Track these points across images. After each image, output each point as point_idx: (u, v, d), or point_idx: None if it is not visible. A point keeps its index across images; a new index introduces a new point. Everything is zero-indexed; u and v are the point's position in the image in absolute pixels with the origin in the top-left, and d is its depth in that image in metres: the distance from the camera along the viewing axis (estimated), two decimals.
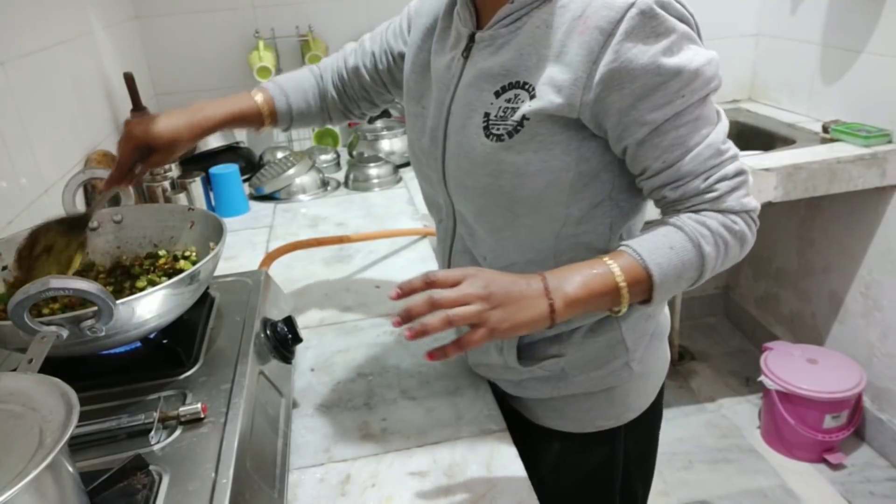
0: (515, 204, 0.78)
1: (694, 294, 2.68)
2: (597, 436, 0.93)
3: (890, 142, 1.83)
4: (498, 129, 0.76)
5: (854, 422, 1.98)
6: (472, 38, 0.79)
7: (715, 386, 2.39)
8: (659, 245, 0.72)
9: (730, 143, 0.74)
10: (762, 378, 2.02)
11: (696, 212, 0.74)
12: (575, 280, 0.71)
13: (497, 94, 0.76)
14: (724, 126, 0.74)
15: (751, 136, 2.19)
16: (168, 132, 0.90)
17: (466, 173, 0.80)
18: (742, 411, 2.26)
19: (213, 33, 2.01)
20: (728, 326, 2.73)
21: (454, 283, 0.69)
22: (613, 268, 0.71)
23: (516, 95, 0.74)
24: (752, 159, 1.82)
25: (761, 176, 1.74)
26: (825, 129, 1.94)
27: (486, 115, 0.76)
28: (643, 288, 0.72)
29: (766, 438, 2.11)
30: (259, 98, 0.99)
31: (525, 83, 0.74)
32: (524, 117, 0.74)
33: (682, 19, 0.72)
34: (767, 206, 1.81)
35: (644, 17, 0.68)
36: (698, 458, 2.07)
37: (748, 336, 2.63)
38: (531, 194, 0.77)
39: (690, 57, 0.70)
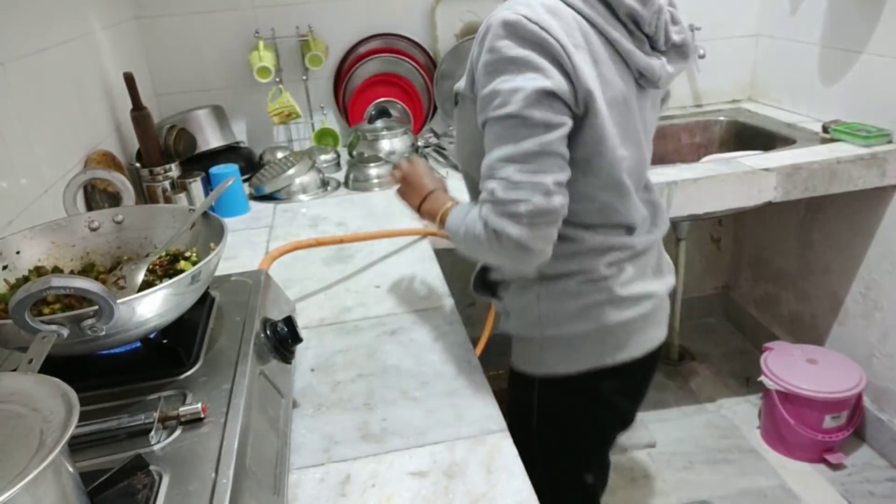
0: (460, 164, 1.09)
1: (693, 295, 2.68)
2: (521, 376, 1.10)
3: (890, 142, 1.83)
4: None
5: (854, 422, 1.98)
6: None
7: (715, 386, 2.39)
8: (461, 210, 0.97)
9: (509, 169, 0.83)
10: (762, 378, 2.02)
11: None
12: (430, 204, 1.08)
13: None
14: (508, 151, 0.84)
15: (751, 136, 2.19)
16: None
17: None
18: (742, 411, 2.25)
19: (213, 33, 2.01)
20: (728, 327, 2.73)
21: (407, 161, 1.17)
22: (444, 207, 1.03)
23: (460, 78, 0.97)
24: (752, 159, 1.82)
25: (761, 176, 1.74)
26: (825, 129, 1.94)
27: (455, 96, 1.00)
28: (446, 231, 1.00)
29: (765, 439, 2.11)
30: None
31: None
32: (456, 94, 0.98)
33: (528, 43, 0.83)
34: (767, 206, 1.82)
35: (486, 31, 0.85)
36: (698, 459, 2.07)
37: (748, 336, 2.63)
38: (464, 159, 1.05)
39: (500, 81, 0.84)
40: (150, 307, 0.74)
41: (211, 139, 1.88)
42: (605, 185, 0.94)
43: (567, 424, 1.11)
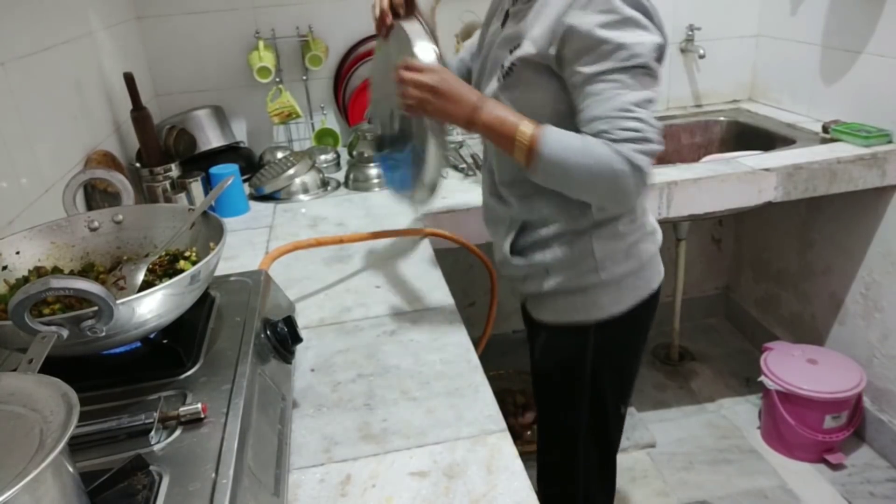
0: None
1: (694, 295, 2.68)
2: (571, 327, 1.16)
3: (890, 142, 1.83)
4: (503, 76, 1.03)
5: (854, 422, 1.98)
6: (507, 13, 1.07)
7: (715, 386, 2.39)
8: (563, 133, 0.95)
9: (646, 112, 0.91)
10: (762, 378, 2.02)
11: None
12: (496, 112, 0.97)
13: (510, 52, 1.02)
14: (644, 95, 0.92)
15: (751, 136, 2.19)
16: None
17: None
18: (742, 412, 2.26)
19: (213, 33, 2.01)
20: (728, 327, 2.73)
21: (421, 70, 0.96)
22: (523, 123, 0.95)
23: (518, 47, 1.00)
24: (752, 159, 1.82)
25: (761, 176, 1.74)
26: (825, 129, 1.94)
27: (502, 66, 1.03)
28: (535, 153, 0.94)
29: (766, 439, 2.11)
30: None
31: (522, 43, 1.00)
32: (513, 63, 1.01)
33: (634, 6, 0.91)
34: (767, 207, 1.82)
35: None
36: (698, 459, 2.07)
37: (748, 337, 2.63)
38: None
39: (625, 35, 0.91)
40: (150, 307, 0.74)
41: (211, 139, 1.88)
42: None
43: (621, 359, 1.21)
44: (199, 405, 0.69)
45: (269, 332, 0.88)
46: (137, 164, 1.65)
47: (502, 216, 1.17)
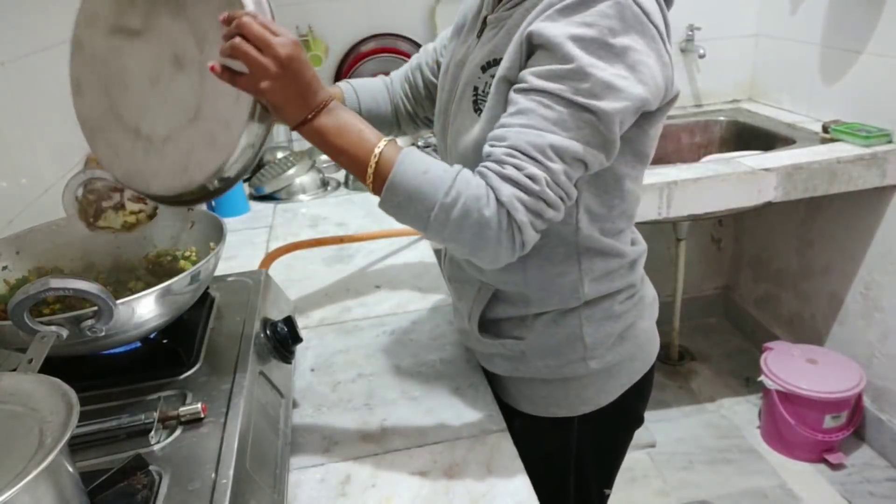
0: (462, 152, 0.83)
1: (694, 295, 2.68)
2: (551, 421, 0.95)
3: (890, 142, 1.83)
4: (482, 104, 0.80)
5: (854, 422, 1.98)
6: (485, 21, 0.84)
7: (715, 386, 2.39)
8: (425, 162, 0.72)
9: (564, 172, 0.70)
10: (762, 378, 2.02)
11: (480, 174, 0.71)
12: (345, 123, 0.72)
13: (483, 70, 0.81)
14: (576, 150, 0.70)
15: (751, 137, 2.19)
16: None
17: (461, 156, 0.83)
18: (742, 411, 2.26)
19: None
20: (728, 327, 2.73)
21: (274, 33, 0.72)
22: (381, 144, 0.72)
23: (495, 64, 0.79)
24: (752, 159, 1.82)
25: (761, 176, 1.74)
26: (825, 129, 1.94)
27: (475, 89, 0.81)
28: (382, 182, 0.71)
29: (766, 438, 2.11)
30: (335, 90, 1.01)
31: (501, 59, 0.77)
32: (487, 85, 0.79)
33: (635, 28, 0.70)
34: (767, 207, 1.82)
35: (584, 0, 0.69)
36: (698, 459, 2.07)
37: (748, 336, 2.63)
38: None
39: (599, 65, 0.68)
40: (150, 307, 0.74)
41: None
42: (641, 175, 0.89)
43: (607, 452, 1.05)
44: (199, 405, 0.69)
45: (269, 332, 0.88)
46: None
47: (469, 277, 0.93)
